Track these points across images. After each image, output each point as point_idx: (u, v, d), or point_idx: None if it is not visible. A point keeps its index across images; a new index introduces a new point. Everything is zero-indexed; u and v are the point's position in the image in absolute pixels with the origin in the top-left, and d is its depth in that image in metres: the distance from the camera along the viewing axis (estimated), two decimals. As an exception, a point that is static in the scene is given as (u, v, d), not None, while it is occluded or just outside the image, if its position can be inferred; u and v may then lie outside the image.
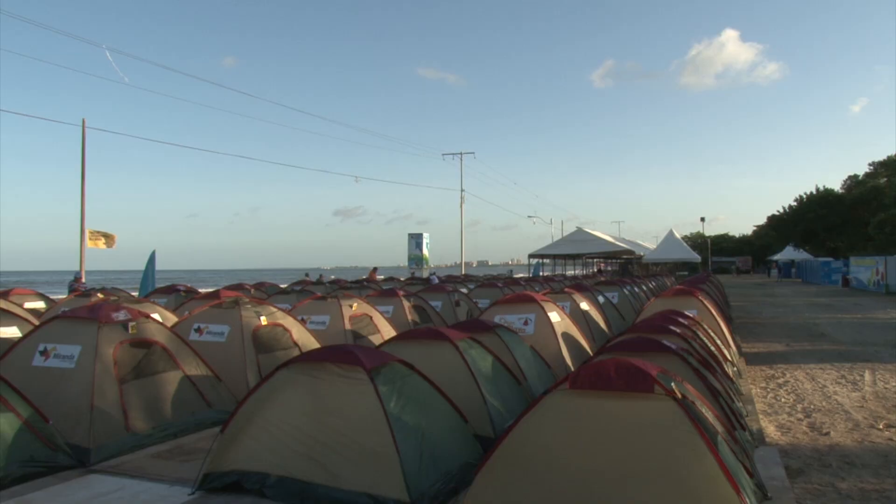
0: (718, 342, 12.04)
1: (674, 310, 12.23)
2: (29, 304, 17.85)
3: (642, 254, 69.35)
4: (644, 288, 28.81)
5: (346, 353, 7.01)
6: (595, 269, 77.78)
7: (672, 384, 5.40)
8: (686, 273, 76.37)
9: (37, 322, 12.04)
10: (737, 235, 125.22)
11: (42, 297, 20.23)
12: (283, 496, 6.44)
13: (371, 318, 15.03)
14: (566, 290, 18.46)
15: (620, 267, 74.63)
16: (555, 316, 13.25)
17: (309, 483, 6.38)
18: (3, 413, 7.43)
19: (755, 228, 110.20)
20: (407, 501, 5.95)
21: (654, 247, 73.97)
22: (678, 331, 9.13)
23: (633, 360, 5.65)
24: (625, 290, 23.71)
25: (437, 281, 31.11)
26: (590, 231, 67.18)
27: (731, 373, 11.23)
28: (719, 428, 5.72)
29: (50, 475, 7.43)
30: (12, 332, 11.73)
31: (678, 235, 68.25)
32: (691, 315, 12.20)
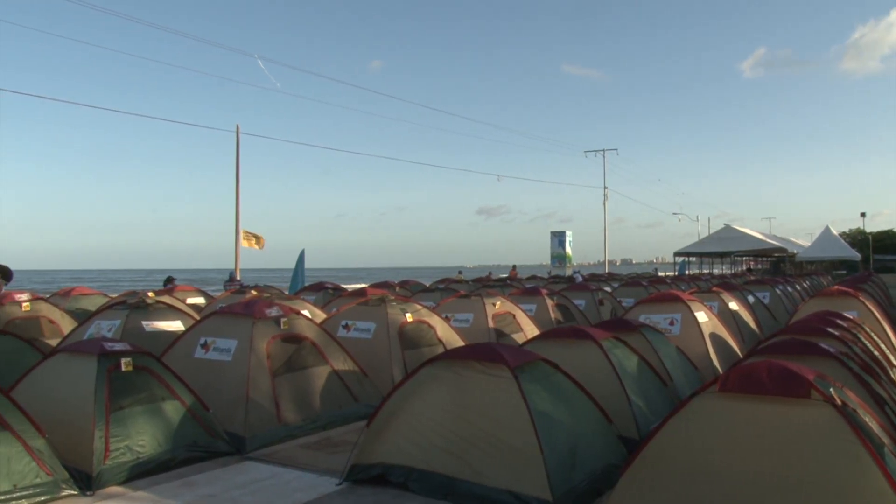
0: (883, 346, 11.29)
1: (831, 311, 11.57)
2: (191, 300, 18.88)
3: (795, 252, 66.14)
4: (798, 287, 27.47)
5: (490, 351, 7.04)
6: (744, 268, 74.89)
7: (831, 390, 5.10)
8: (844, 272, 72.06)
9: (198, 317, 12.72)
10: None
11: (202, 293, 21.39)
12: (427, 490, 6.54)
13: (514, 316, 15.02)
14: (714, 289, 17.84)
15: (772, 265, 71.59)
16: (702, 316, 12.82)
17: (452, 478, 6.45)
18: (170, 400, 7.93)
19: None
20: (550, 500, 5.91)
21: (809, 244, 70.37)
22: (837, 333, 8.62)
23: (787, 364, 5.38)
24: (777, 290, 22.68)
25: (580, 279, 30.78)
26: (738, 228, 64.75)
27: (897, 379, 10.51)
28: (885, 439, 5.36)
29: (209, 460, 7.86)
30: (176, 325, 12.43)
31: (835, 232, 64.72)
32: (851, 317, 11.52)
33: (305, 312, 11.86)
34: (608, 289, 23.69)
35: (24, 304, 14.14)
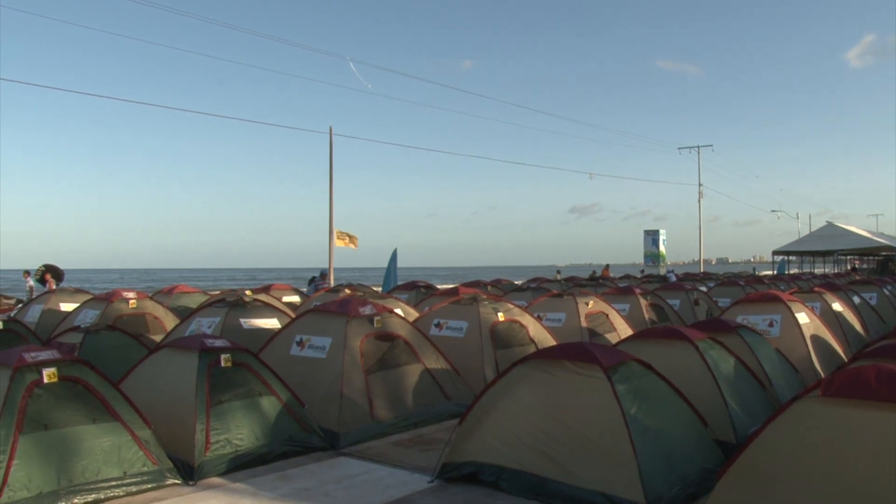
0: None
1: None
2: (286, 299, 19.37)
3: (906, 250, 63.22)
4: (908, 288, 26.19)
5: (582, 350, 6.97)
6: (848, 267, 71.97)
7: (946, 395, 4.84)
8: (960, 272, 68.43)
9: (293, 315, 13.01)
10: None
11: (297, 291, 21.92)
12: (518, 489, 6.54)
13: (607, 315, 14.85)
14: (816, 289, 17.19)
15: (879, 264, 68.47)
16: (803, 317, 12.38)
17: (543, 478, 6.43)
18: (267, 396, 8.15)
19: None
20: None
21: (921, 242, 67.09)
22: (952, 336, 8.21)
23: (897, 367, 5.14)
24: (885, 290, 21.68)
25: (674, 279, 30.24)
26: (842, 226, 62.32)
27: None
28: None
29: (304, 455, 8.04)
30: (273, 323, 12.75)
31: (950, 230, 61.39)
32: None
33: (398, 311, 11.99)
34: (703, 288, 23.19)
35: (131, 302, 14.85)
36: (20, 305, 22.99)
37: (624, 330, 14.49)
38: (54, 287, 24.60)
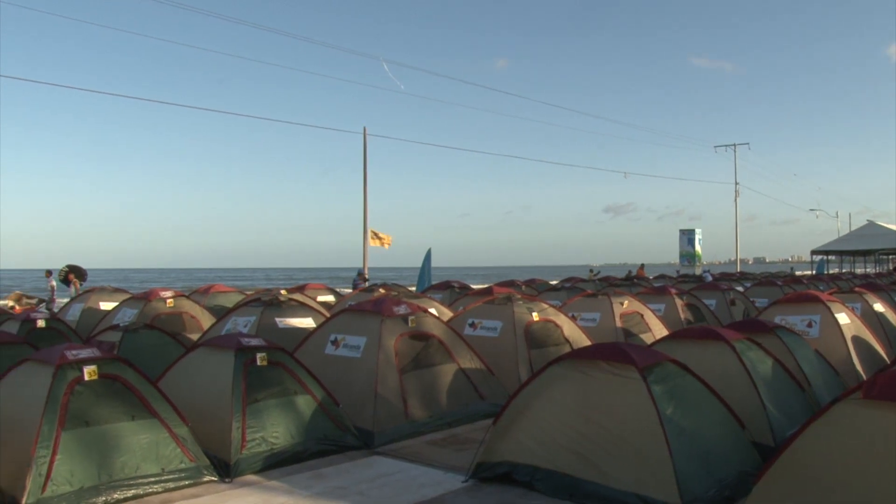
0: None
1: None
2: (321, 298, 19.48)
3: (950, 250, 62.01)
4: (953, 288, 25.65)
5: (617, 351, 6.92)
6: (890, 267, 70.69)
7: None
8: None
9: (328, 314, 13.08)
10: None
11: (331, 291, 22.03)
12: (552, 490, 6.52)
13: (642, 315, 14.74)
14: (856, 289, 16.91)
15: (922, 265, 67.20)
16: (843, 318, 12.19)
17: (577, 479, 6.41)
18: (302, 395, 8.21)
19: None
20: (679, 506, 5.77)
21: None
22: None
23: (940, 369, 5.03)
24: (928, 291, 21.27)
25: (710, 278, 29.97)
26: (883, 224, 61.25)
27: None
28: None
29: (339, 453, 8.09)
30: (307, 323, 12.83)
31: None
32: None
33: (433, 311, 12.01)
34: (740, 288, 22.95)
35: (169, 301, 15.06)
36: (42, 305, 23.42)
37: (659, 330, 14.37)
38: (79, 286, 25.00)
